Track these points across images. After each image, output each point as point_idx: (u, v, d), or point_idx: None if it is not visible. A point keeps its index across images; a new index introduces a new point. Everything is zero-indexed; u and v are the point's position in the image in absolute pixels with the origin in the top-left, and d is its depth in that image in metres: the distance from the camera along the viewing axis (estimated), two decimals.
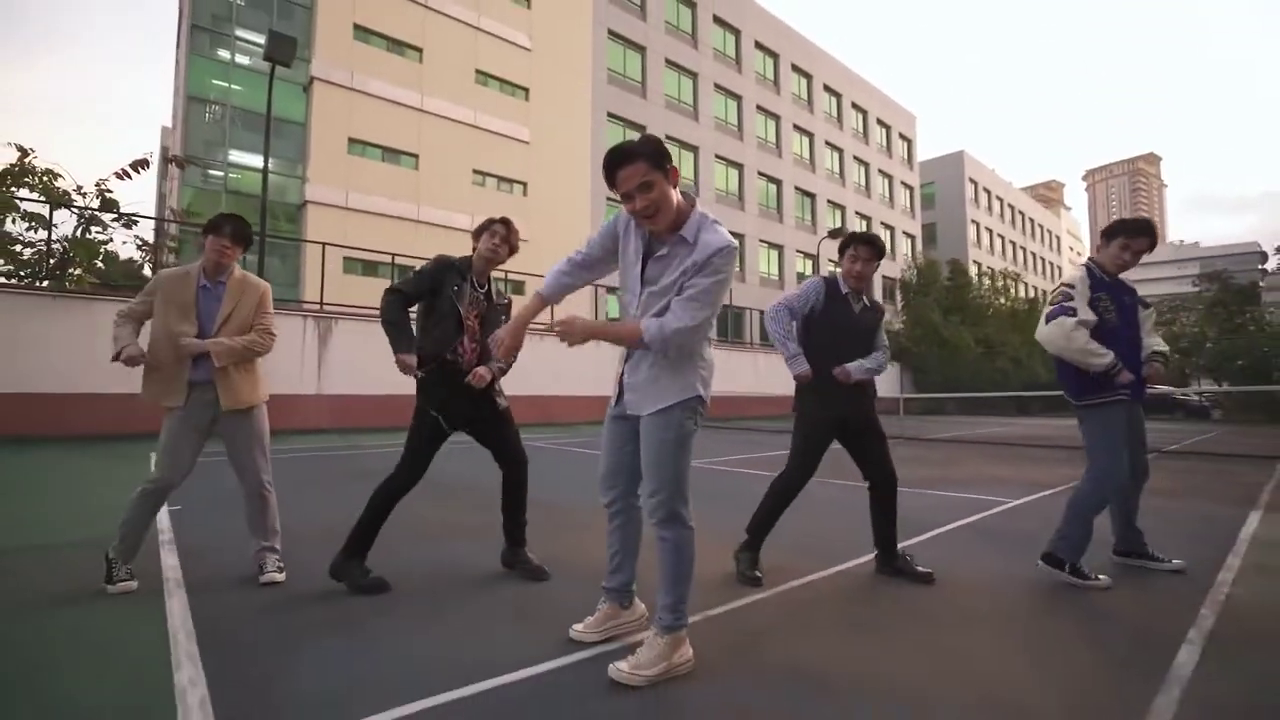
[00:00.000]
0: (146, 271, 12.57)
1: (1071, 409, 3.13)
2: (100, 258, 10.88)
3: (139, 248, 11.73)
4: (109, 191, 11.12)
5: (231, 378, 2.87)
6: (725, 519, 3.77)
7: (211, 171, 19.19)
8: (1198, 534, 4.07)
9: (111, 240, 11.17)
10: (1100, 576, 2.90)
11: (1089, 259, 3.19)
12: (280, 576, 2.87)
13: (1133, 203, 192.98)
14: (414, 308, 2.98)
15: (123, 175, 11.56)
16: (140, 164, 11.72)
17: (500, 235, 3.05)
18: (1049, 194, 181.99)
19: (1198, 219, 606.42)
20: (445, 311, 2.90)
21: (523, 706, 1.76)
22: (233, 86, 19.42)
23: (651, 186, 1.86)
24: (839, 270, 3.22)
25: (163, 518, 4.14)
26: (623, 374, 2.12)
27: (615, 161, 1.90)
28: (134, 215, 11.20)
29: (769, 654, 2.13)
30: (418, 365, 2.84)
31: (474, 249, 3.06)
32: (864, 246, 3.08)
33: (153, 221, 12.70)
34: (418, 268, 3.08)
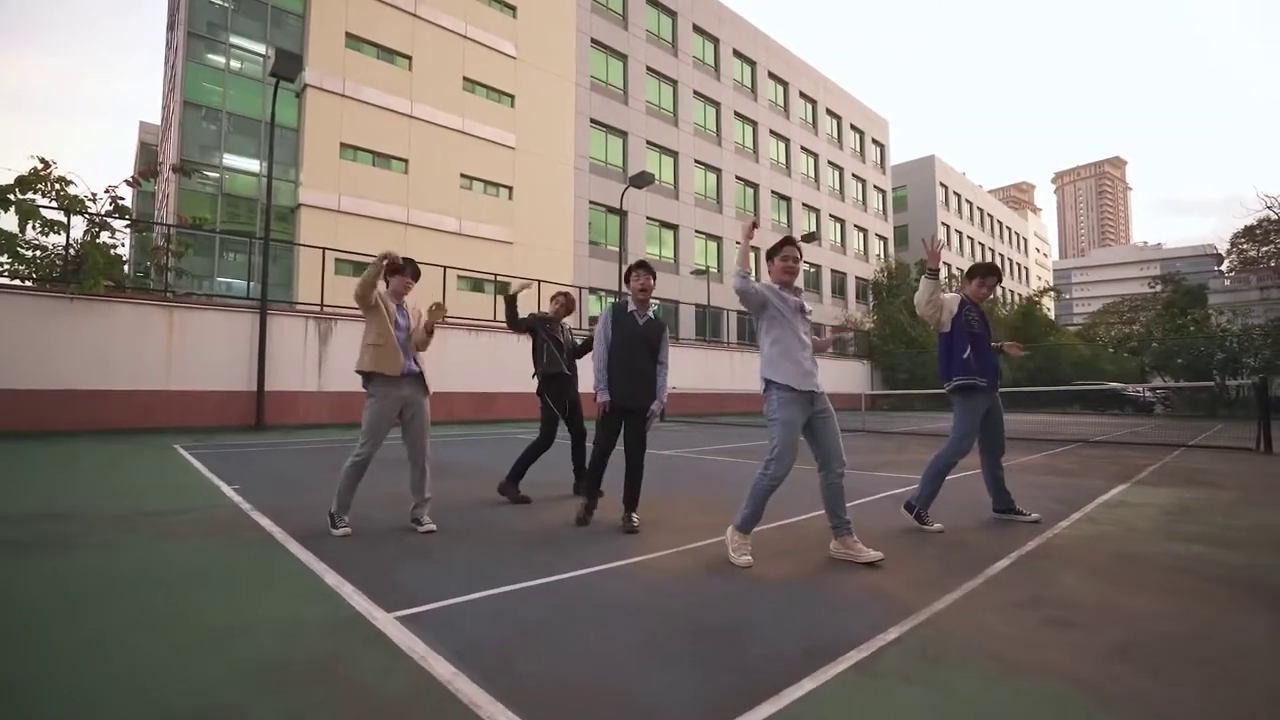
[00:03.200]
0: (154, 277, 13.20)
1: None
2: (114, 263, 11.55)
3: (154, 249, 12.34)
4: (121, 199, 11.74)
5: (424, 375, 4.02)
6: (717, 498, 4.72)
7: (208, 174, 19.70)
8: (1067, 499, 5.15)
9: (120, 245, 11.78)
10: (936, 525, 4.02)
11: (960, 292, 4.31)
12: (433, 526, 3.88)
13: (1099, 205, 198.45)
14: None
15: (133, 183, 12.20)
16: (149, 172, 12.35)
17: (560, 303, 5.40)
18: (1019, 195, 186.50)
19: (1163, 221, 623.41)
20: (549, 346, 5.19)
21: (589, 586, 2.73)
22: (229, 92, 19.93)
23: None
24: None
25: (232, 495, 4.99)
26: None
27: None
28: (147, 221, 11.83)
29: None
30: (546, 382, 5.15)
31: (553, 311, 5.38)
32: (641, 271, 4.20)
33: (157, 227, 13.33)
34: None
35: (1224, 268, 49.53)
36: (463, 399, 15.56)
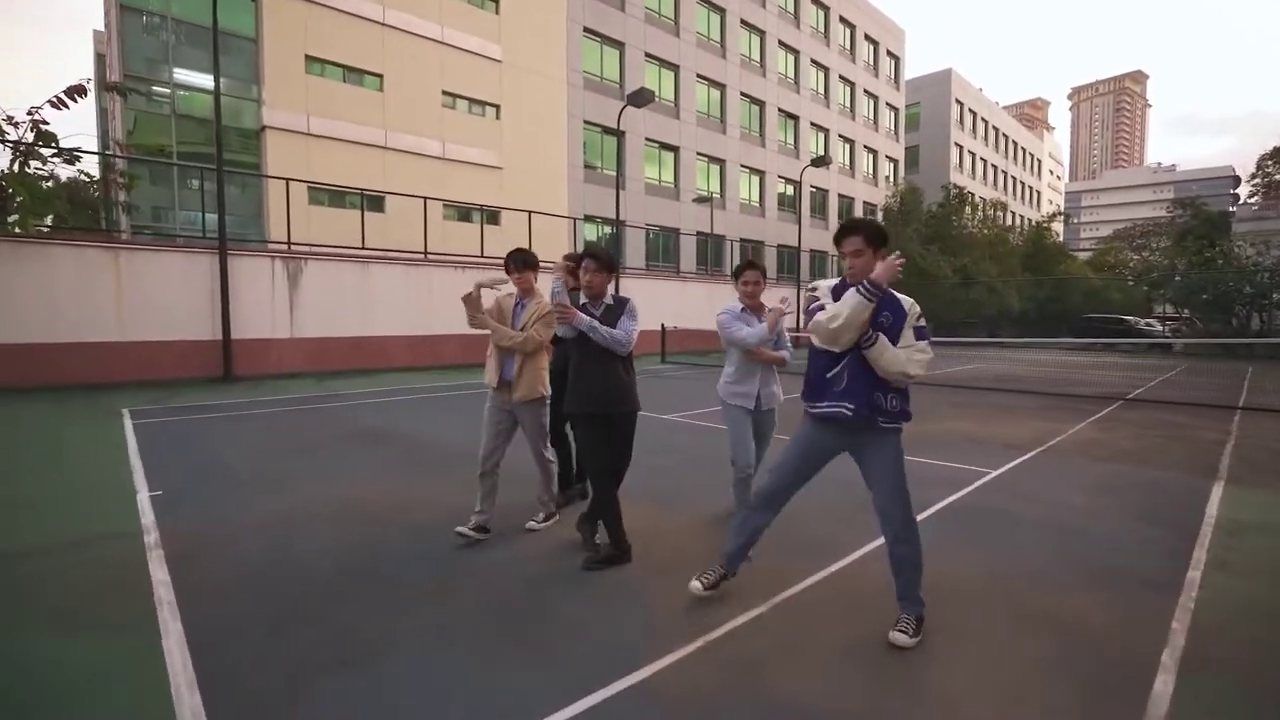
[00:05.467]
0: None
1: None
2: (48, 199, 10.25)
3: (95, 181, 10.99)
4: (44, 123, 10.29)
5: (522, 377, 3.62)
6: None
7: (157, 91, 17.77)
8: (1165, 518, 4.26)
9: (52, 177, 10.44)
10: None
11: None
12: (540, 526, 3.81)
13: (1115, 123, 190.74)
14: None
15: (58, 104, 10.68)
16: (77, 91, 10.81)
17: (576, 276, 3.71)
18: (1033, 113, 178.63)
19: (1179, 140, 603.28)
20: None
21: None
22: None
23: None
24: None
25: (145, 509, 4.08)
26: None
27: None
28: (75, 150, 10.42)
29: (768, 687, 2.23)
30: None
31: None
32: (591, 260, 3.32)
33: (107, 156, 11.80)
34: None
35: (1245, 192, 47.44)
36: (451, 342, 14.57)
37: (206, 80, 18.29)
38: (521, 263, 3.69)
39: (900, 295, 2.72)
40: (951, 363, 16.97)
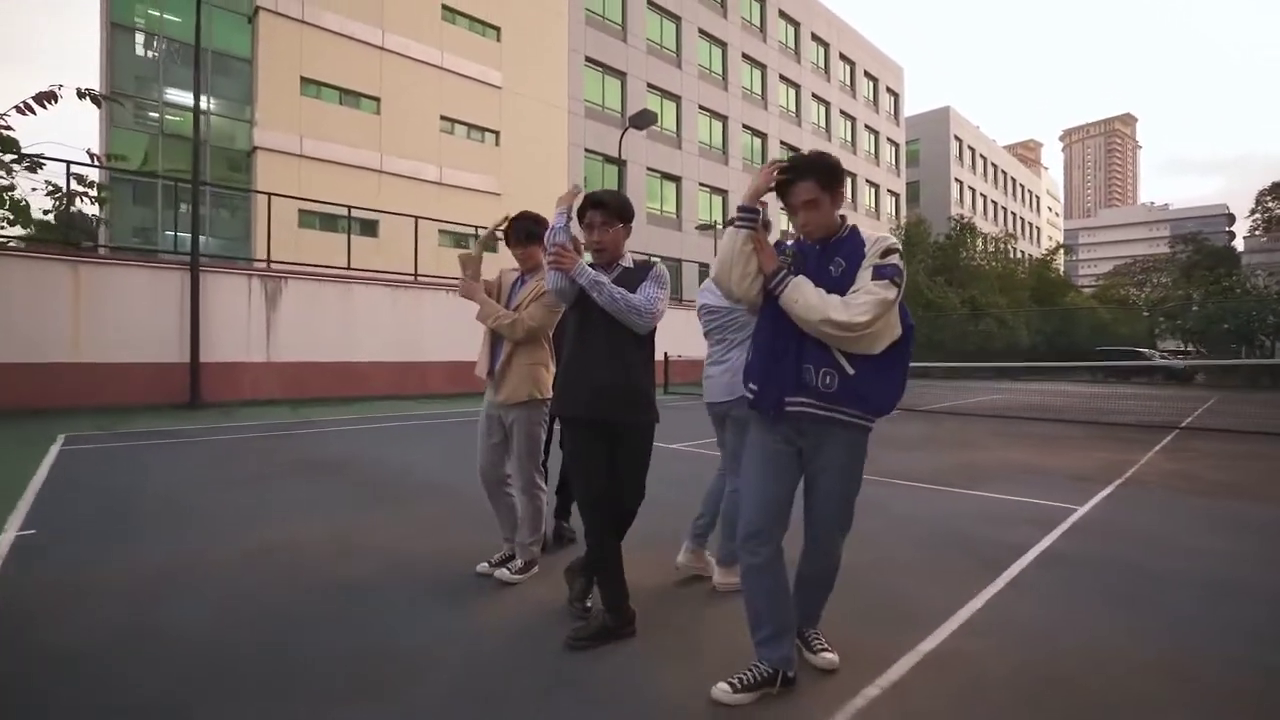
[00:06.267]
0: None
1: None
2: (18, 210, 9.51)
3: (50, 194, 10.27)
4: (7, 129, 9.60)
5: (510, 371, 2.85)
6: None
7: (147, 110, 17.31)
8: None
9: (14, 186, 9.72)
10: None
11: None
12: (512, 578, 2.83)
13: (1107, 164, 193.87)
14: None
15: (24, 110, 10.00)
16: (46, 97, 10.11)
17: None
18: (1026, 153, 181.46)
19: (1170, 181, 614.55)
20: None
21: None
22: (166, 17, 17.37)
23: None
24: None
25: (1, 549, 3.12)
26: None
27: None
28: (39, 157, 9.72)
29: None
30: None
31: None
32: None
33: (86, 167, 11.01)
34: None
35: (1246, 227, 47.29)
36: (440, 369, 13.68)
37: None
38: (526, 234, 2.90)
39: (869, 232, 1.90)
40: (974, 393, 16.04)
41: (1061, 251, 51.19)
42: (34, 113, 10.15)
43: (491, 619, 2.46)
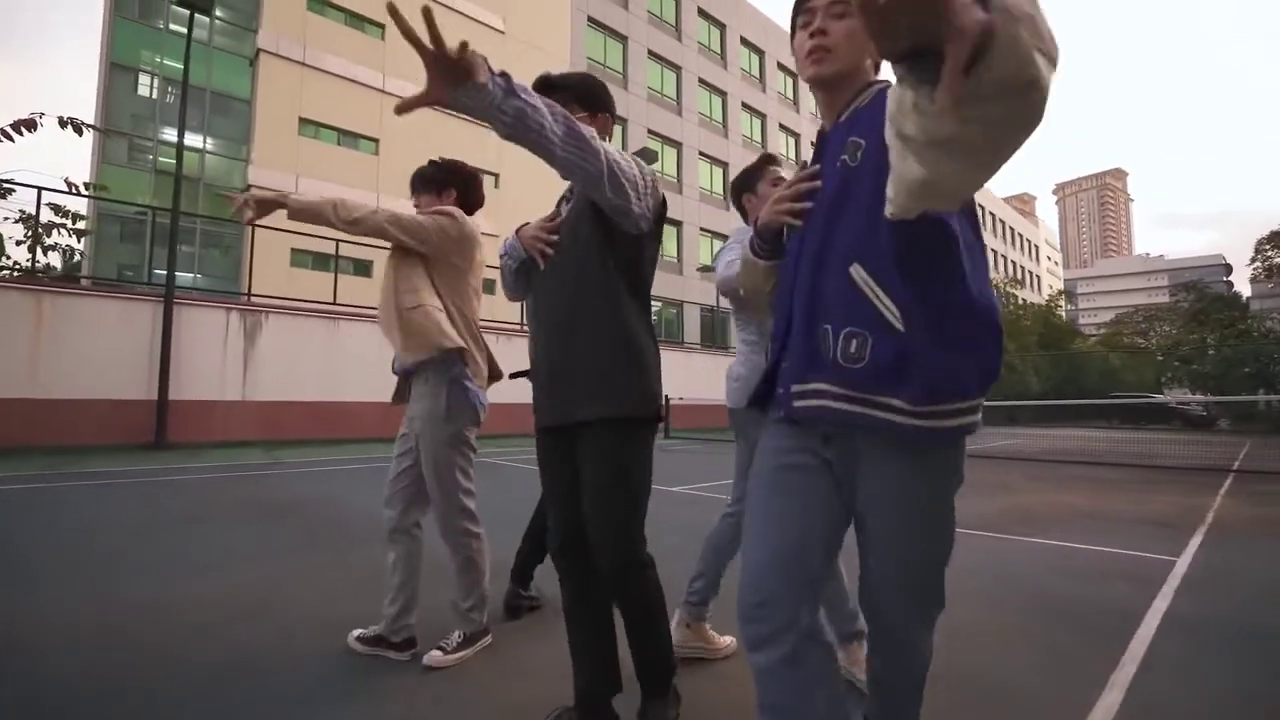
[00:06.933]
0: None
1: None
2: None
3: (20, 221, 9.81)
4: None
5: (397, 324, 2.15)
6: None
7: (146, 154, 17.16)
8: None
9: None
10: None
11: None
12: (444, 661, 1.99)
13: (1101, 216, 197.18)
14: None
15: (4, 137, 9.64)
16: (25, 124, 9.76)
17: None
18: (1021, 207, 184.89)
19: (1164, 234, 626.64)
20: None
21: None
22: (166, 62, 17.42)
23: None
24: None
25: None
26: None
27: None
28: (9, 182, 9.29)
29: None
30: None
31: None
32: None
33: (66, 195, 10.62)
34: None
35: (1248, 275, 47.25)
36: None
37: (195, 139, 17.77)
38: (421, 181, 2.34)
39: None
40: (989, 438, 15.24)
41: (1064, 298, 51.11)
42: (12, 140, 9.81)
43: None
